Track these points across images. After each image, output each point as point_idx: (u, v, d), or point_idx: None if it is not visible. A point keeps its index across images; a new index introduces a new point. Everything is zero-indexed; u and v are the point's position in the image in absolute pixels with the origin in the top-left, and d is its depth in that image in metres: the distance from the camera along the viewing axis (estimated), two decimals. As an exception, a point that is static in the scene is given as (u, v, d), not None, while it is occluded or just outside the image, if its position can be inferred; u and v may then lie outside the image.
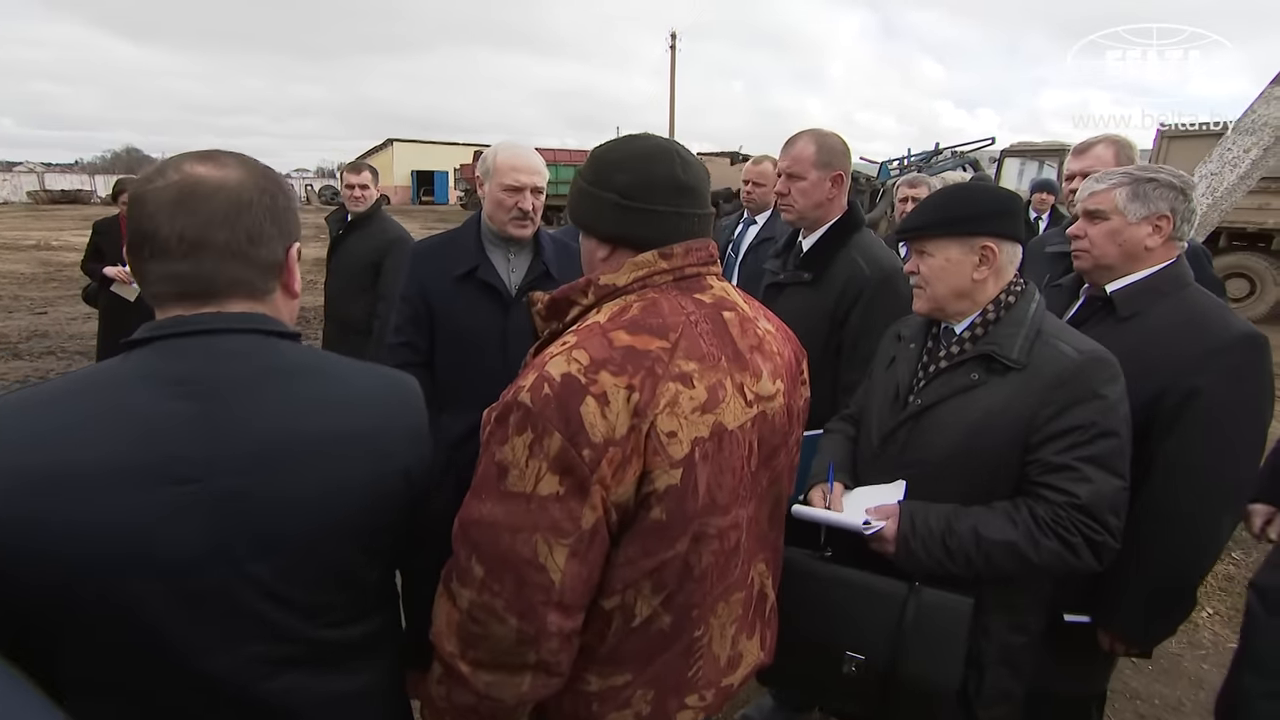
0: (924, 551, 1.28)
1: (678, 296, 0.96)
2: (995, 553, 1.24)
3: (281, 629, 0.81)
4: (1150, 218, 1.47)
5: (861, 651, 1.27)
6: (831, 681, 1.30)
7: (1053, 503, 1.23)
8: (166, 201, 0.76)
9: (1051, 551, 1.22)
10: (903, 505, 1.34)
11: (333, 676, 0.87)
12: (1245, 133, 3.26)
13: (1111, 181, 1.51)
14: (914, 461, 1.39)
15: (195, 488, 0.74)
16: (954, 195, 1.42)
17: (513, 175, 1.88)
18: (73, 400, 0.74)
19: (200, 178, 0.78)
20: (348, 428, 0.83)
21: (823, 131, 1.99)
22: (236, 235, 0.78)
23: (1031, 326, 1.32)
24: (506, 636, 0.84)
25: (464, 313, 1.94)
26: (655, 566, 0.91)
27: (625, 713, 0.98)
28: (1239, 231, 9.10)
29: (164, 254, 0.76)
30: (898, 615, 1.26)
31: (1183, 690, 2.52)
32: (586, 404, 0.83)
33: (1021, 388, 1.28)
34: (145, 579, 0.73)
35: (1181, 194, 1.48)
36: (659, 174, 0.96)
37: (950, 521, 1.28)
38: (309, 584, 0.82)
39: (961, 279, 1.35)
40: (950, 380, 1.36)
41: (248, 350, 0.79)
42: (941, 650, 1.24)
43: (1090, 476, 1.22)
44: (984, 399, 1.31)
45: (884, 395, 1.50)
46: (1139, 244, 1.48)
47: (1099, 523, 1.22)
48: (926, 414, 1.38)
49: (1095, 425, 1.23)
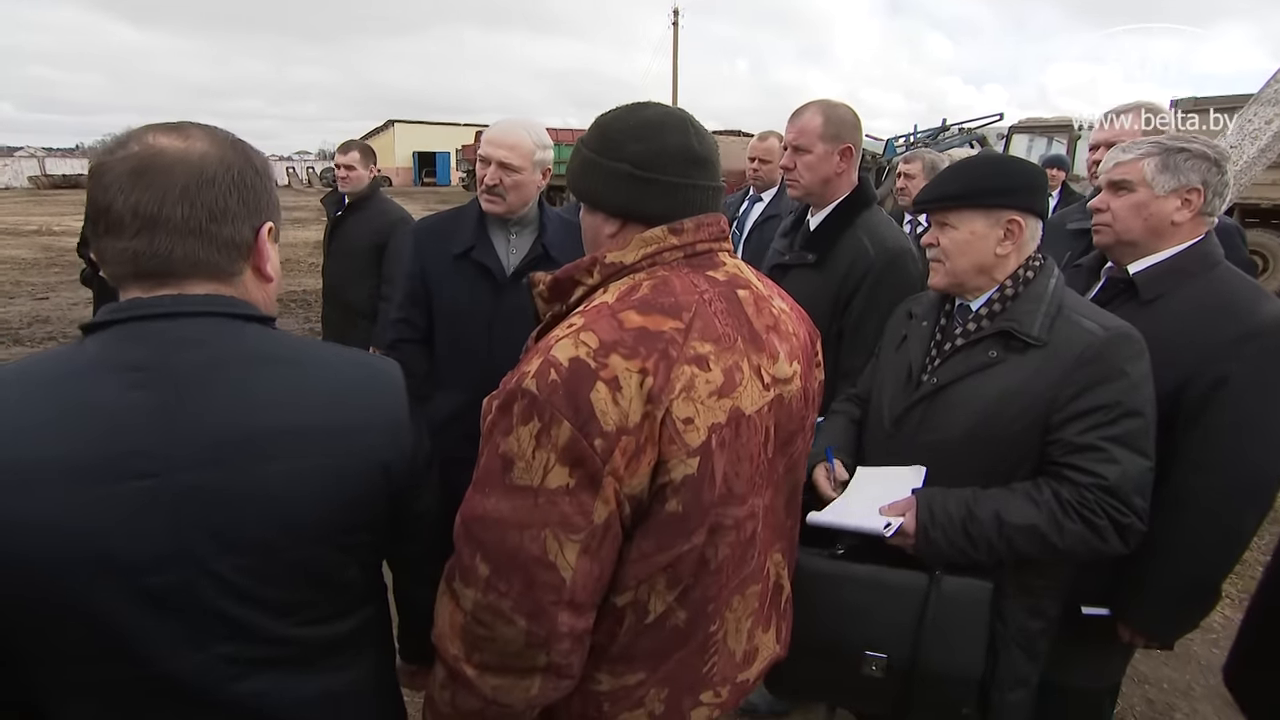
0: (945, 540, 1.23)
1: (689, 274, 0.90)
2: (1018, 537, 1.20)
3: (251, 629, 0.77)
4: (1180, 190, 1.38)
5: (881, 650, 1.22)
6: (850, 683, 1.26)
7: (1078, 484, 1.18)
8: (123, 174, 0.71)
9: (1077, 535, 1.18)
10: (919, 494, 1.28)
11: (314, 675, 0.83)
12: (1267, 104, 3.15)
13: (1140, 151, 1.42)
14: (930, 443, 1.34)
15: (153, 483, 0.70)
16: (980, 166, 1.36)
17: (485, 147, 1.84)
18: (23, 390, 0.69)
19: (161, 149, 0.73)
20: (315, 420, 0.77)
21: (831, 102, 1.89)
22: (195, 212, 0.73)
23: (1052, 302, 1.27)
24: (515, 639, 0.80)
25: (457, 292, 1.91)
26: (670, 561, 0.86)
27: (638, 712, 0.93)
28: (1253, 208, 8.93)
29: (118, 230, 0.72)
30: (919, 610, 1.21)
31: (1192, 675, 2.49)
32: (597, 390, 0.77)
33: (1042, 366, 1.23)
34: (107, 578, 0.69)
35: (1215, 165, 1.39)
36: (674, 143, 0.90)
37: (970, 507, 1.23)
38: (279, 582, 0.77)
39: (985, 254, 1.30)
40: (967, 358, 1.32)
41: (204, 336, 0.74)
42: (963, 639, 1.20)
43: (1117, 457, 1.17)
44: (1003, 377, 1.26)
45: (895, 375, 1.45)
46: (1166, 219, 1.40)
47: (1126, 505, 1.17)
48: (942, 393, 1.33)
49: (1120, 404, 1.18)
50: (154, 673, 0.73)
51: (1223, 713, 2.32)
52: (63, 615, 0.69)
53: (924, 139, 13.04)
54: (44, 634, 0.71)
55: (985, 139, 12.79)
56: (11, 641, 0.71)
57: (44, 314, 7.75)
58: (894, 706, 1.25)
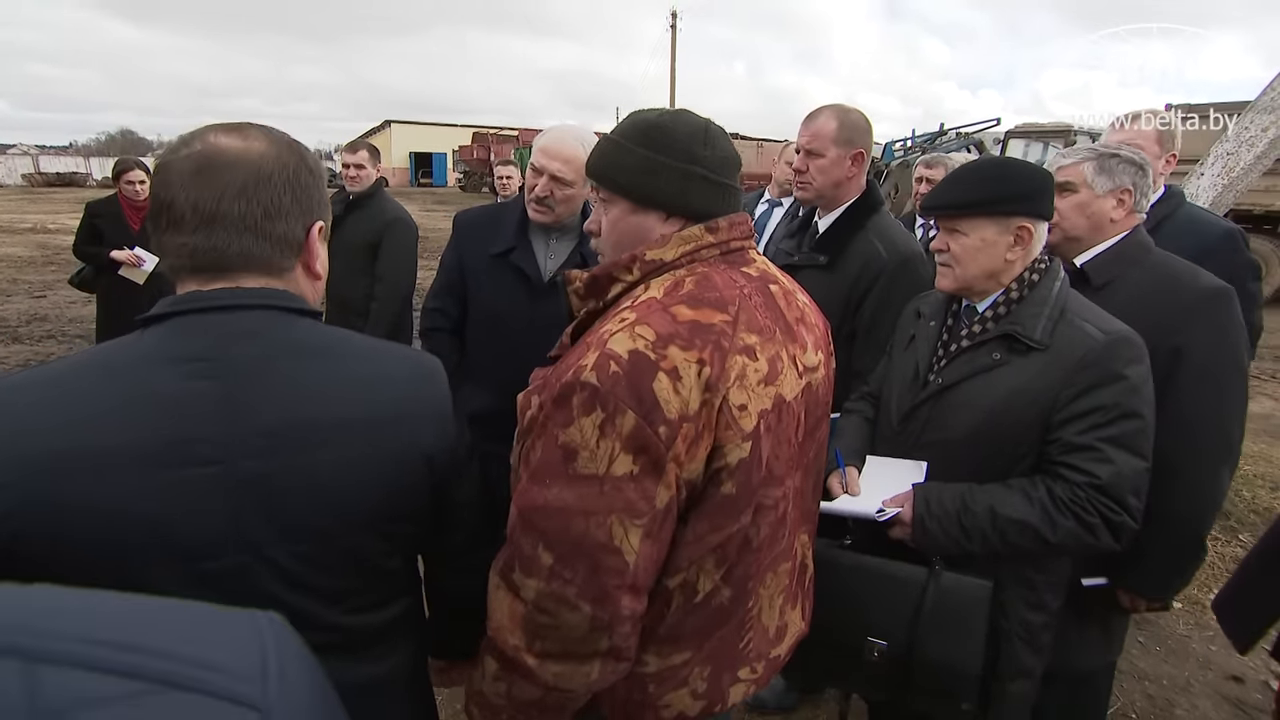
0: (940, 531, 1.28)
1: (727, 270, 0.94)
2: (1011, 530, 1.24)
3: (302, 615, 0.78)
4: (1115, 191, 1.55)
5: (883, 637, 1.27)
6: (854, 670, 1.30)
7: (1071, 482, 1.22)
8: (186, 171, 0.74)
9: (1069, 531, 1.22)
10: (916, 488, 1.33)
11: (357, 664, 0.85)
12: (1264, 111, 3.20)
13: (1078, 157, 1.58)
14: (934, 441, 1.38)
15: (216, 469, 0.72)
16: (991, 172, 1.36)
17: (538, 156, 1.82)
18: (89, 380, 0.71)
19: (222, 148, 0.76)
20: (366, 411, 0.80)
21: (845, 107, 1.92)
22: (252, 208, 0.75)
23: (1055, 306, 1.30)
24: (579, 625, 0.82)
25: (493, 292, 1.91)
26: (722, 541, 0.90)
27: (682, 692, 0.96)
28: (1246, 214, 9.02)
29: (179, 225, 0.74)
30: (916, 600, 1.26)
31: (1191, 671, 2.53)
32: (659, 380, 0.81)
33: (1044, 369, 1.26)
34: (167, 563, 0.71)
35: (1140, 169, 1.55)
36: (730, 151, 0.97)
37: (965, 500, 1.28)
38: (330, 569, 0.80)
39: (994, 260, 1.33)
40: (972, 360, 1.35)
41: (261, 328, 0.76)
42: (961, 634, 1.24)
43: (1111, 457, 1.21)
44: (1006, 379, 1.30)
45: (903, 374, 1.48)
46: (1105, 215, 1.55)
47: (1118, 503, 1.21)
48: (947, 394, 1.37)
49: (1118, 406, 1.22)
50: None
51: (1221, 708, 2.35)
52: None
53: (922, 143, 13.13)
54: None
55: (983, 144, 12.87)
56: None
57: (42, 312, 7.72)
58: (895, 692, 1.30)
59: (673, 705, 0.96)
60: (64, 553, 0.68)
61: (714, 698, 0.98)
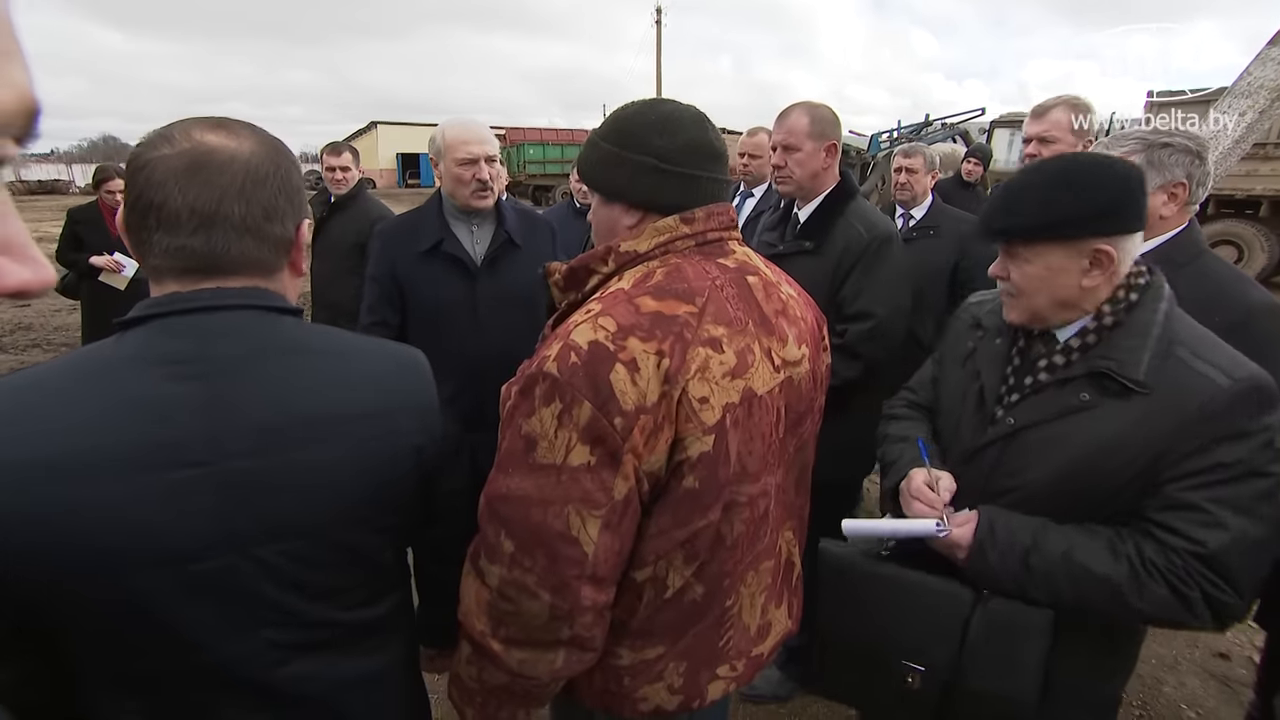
0: (1000, 564, 1.07)
1: (701, 261, 0.94)
2: (1087, 583, 1.03)
3: (294, 613, 0.79)
4: (1166, 186, 1.38)
5: (920, 661, 1.14)
6: (889, 696, 1.19)
7: (1167, 546, 1.00)
8: (177, 170, 0.71)
9: (1160, 601, 1.00)
10: (982, 509, 1.13)
11: (350, 659, 0.85)
12: (1241, 95, 3.25)
13: (1124, 150, 1.40)
14: (1004, 489, 1.15)
15: (202, 471, 0.72)
16: (1058, 187, 1.05)
17: (465, 149, 1.91)
18: (70, 385, 0.71)
19: (213, 147, 0.73)
20: (353, 407, 0.80)
21: (813, 103, 2.04)
22: (251, 210, 0.75)
23: (1161, 339, 1.04)
24: (539, 612, 0.83)
25: (432, 287, 1.97)
26: (688, 536, 0.90)
27: (658, 685, 0.97)
28: (1227, 199, 9.11)
29: (173, 226, 0.72)
30: (961, 625, 1.11)
31: (1178, 649, 2.56)
32: (616, 371, 0.81)
33: (1147, 417, 1.01)
34: (158, 565, 0.71)
35: (1197, 158, 1.38)
36: (694, 138, 0.94)
37: (1037, 537, 1.06)
38: (321, 566, 0.80)
39: (1067, 289, 1.07)
40: (1055, 399, 1.10)
41: (245, 327, 0.76)
42: (1015, 665, 1.08)
43: (1223, 521, 0.97)
44: (1097, 427, 1.05)
45: (963, 399, 1.25)
46: (1154, 214, 1.36)
47: (1224, 578, 0.98)
48: (1021, 435, 1.13)
49: (1242, 464, 0.97)
50: (201, 661, 0.75)
51: (1208, 685, 2.39)
52: (108, 603, 0.70)
53: (908, 134, 13.17)
54: (90, 622, 0.72)
55: (968, 134, 12.93)
56: (57, 630, 0.72)
57: (26, 321, 7.63)
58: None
59: (649, 699, 0.97)
60: (52, 559, 0.67)
61: (691, 693, 0.99)
